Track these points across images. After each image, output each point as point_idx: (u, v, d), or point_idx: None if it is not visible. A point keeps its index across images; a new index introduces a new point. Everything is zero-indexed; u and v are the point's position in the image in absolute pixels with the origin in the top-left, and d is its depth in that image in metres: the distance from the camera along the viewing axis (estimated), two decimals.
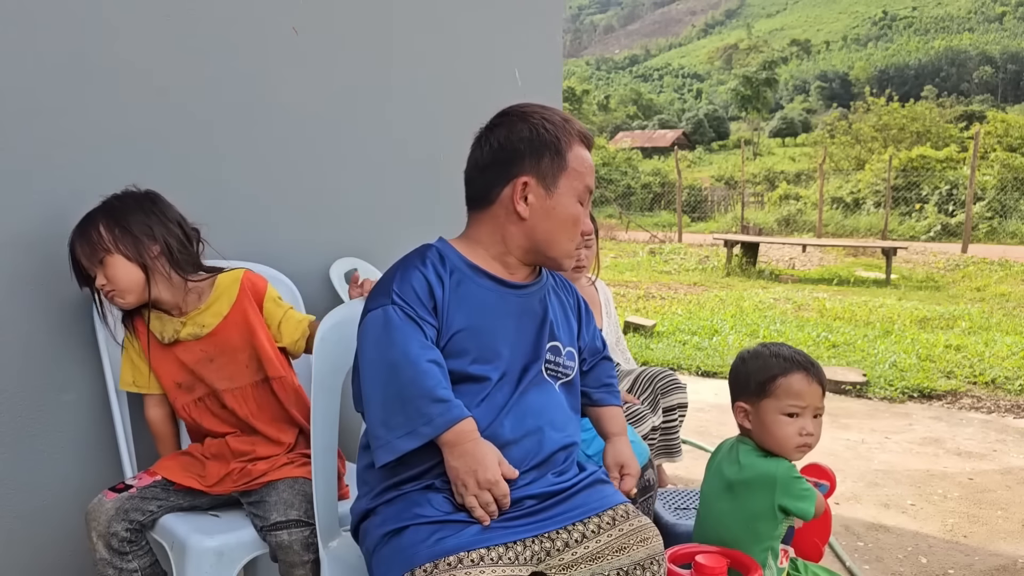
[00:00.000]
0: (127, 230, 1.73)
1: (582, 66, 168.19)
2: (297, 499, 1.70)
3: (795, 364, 1.79)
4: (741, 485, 1.80)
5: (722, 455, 1.90)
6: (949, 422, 4.52)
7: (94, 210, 1.77)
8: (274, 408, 1.87)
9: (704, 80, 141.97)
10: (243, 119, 2.21)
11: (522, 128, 1.55)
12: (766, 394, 1.79)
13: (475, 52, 2.92)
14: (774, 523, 1.77)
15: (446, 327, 1.48)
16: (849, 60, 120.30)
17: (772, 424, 1.79)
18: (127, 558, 1.70)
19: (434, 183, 2.72)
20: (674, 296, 9.91)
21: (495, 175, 1.56)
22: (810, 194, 23.17)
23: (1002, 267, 11.96)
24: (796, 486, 1.76)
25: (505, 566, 1.35)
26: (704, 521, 1.88)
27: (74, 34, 1.86)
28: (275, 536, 1.65)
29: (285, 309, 1.90)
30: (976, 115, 41.60)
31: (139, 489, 1.75)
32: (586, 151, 1.60)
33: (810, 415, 1.79)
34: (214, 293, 1.83)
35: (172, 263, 1.77)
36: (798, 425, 1.77)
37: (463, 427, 1.40)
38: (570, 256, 1.60)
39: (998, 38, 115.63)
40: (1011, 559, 2.79)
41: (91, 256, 1.73)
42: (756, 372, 1.83)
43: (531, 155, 1.54)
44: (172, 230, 1.79)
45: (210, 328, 1.81)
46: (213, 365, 1.82)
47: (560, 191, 1.55)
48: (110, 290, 1.75)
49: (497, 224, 1.57)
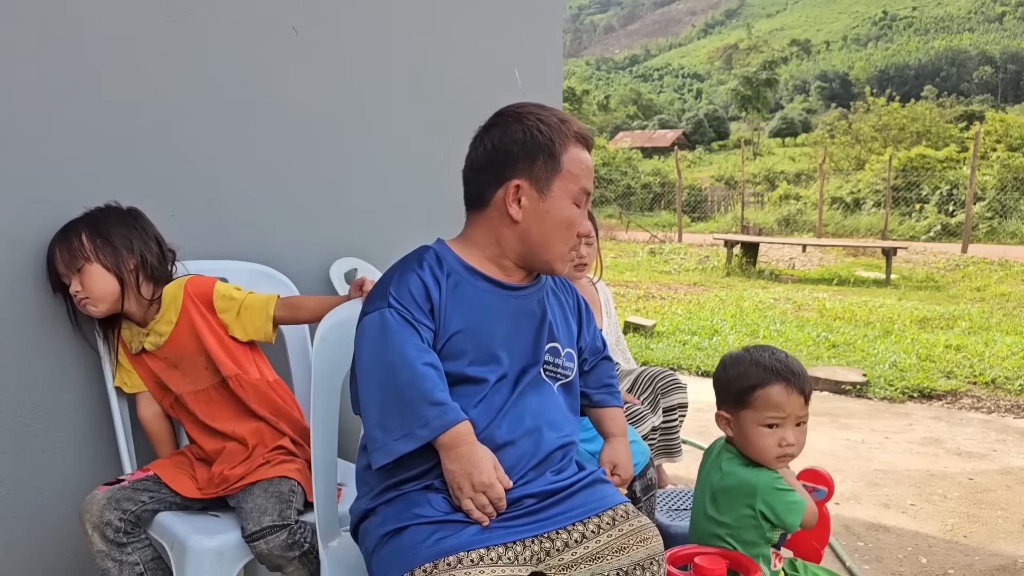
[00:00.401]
0: (108, 241, 1.78)
1: (582, 66, 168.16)
2: (270, 503, 1.69)
3: (774, 374, 1.74)
4: (722, 493, 1.78)
5: (710, 461, 1.88)
6: (949, 422, 4.52)
7: (76, 220, 1.80)
8: (234, 407, 1.87)
9: (704, 80, 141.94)
10: (243, 119, 2.21)
11: (516, 130, 1.54)
12: (745, 405, 1.76)
13: (475, 52, 2.92)
14: (759, 531, 1.75)
15: (443, 329, 1.48)
16: (849, 60, 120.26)
17: (752, 435, 1.76)
18: (126, 550, 1.71)
19: (434, 183, 2.71)
20: (674, 296, 9.91)
21: (489, 177, 1.55)
22: (810, 194, 23.16)
23: (1002, 267, 11.96)
24: (779, 498, 1.72)
25: (505, 566, 1.35)
26: (695, 526, 1.87)
27: (74, 34, 1.86)
28: (254, 547, 1.66)
29: (240, 300, 1.88)
30: (976, 115, 41.53)
31: (131, 482, 1.77)
32: (584, 152, 1.57)
33: (791, 425, 1.75)
34: (164, 303, 1.86)
35: (146, 277, 1.83)
36: (778, 436, 1.74)
37: (459, 430, 1.40)
38: (564, 260, 1.58)
39: (998, 38, 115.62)
40: (1011, 559, 2.79)
41: (70, 263, 1.76)
42: (735, 380, 1.78)
43: (524, 157, 1.52)
44: (150, 246, 1.84)
45: (166, 337, 1.85)
46: (178, 371, 1.86)
47: (554, 194, 1.53)
48: (84, 298, 1.78)
49: (492, 226, 1.56)
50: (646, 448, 2.33)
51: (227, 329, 1.88)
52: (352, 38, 2.50)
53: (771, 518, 1.72)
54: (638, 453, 2.25)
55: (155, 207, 1.92)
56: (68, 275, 1.77)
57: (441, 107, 2.77)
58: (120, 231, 1.81)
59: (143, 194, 1.93)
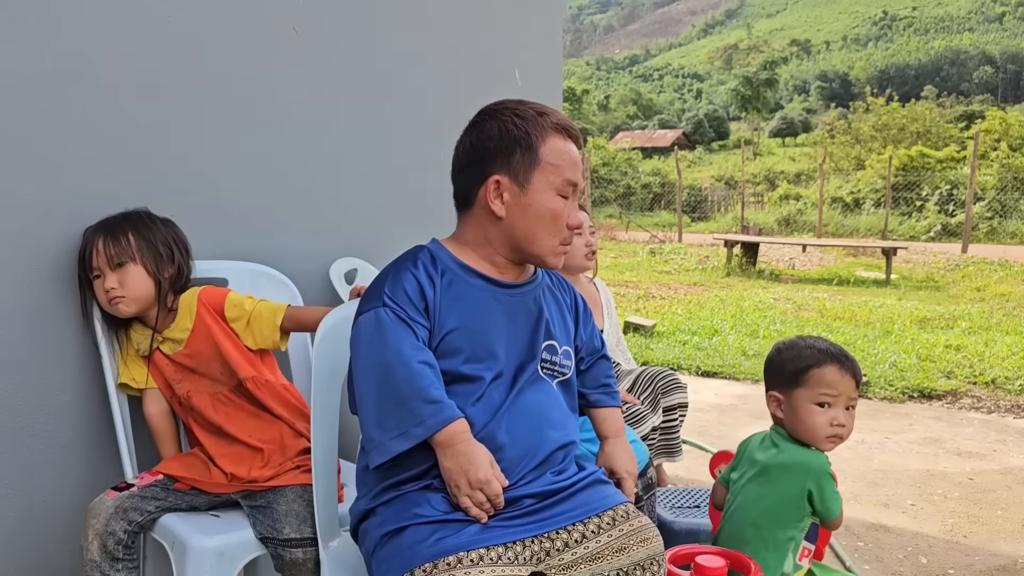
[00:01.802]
0: (153, 245, 1.83)
1: (582, 66, 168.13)
2: (310, 512, 1.70)
3: (829, 356, 1.80)
4: (776, 468, 1.81)
5: (752, 445, 1.91)
6: (949, 422, 4.52)
7: (119, 217, 1.83)
8: (249, 410, 1.89)
9: (704, 80, 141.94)
10: (244, 119, 2.21)
11: (492, 126, 1.54)
12: (799, 384, 1.80)
13: (475, 52, 2.92)
14: (800, 512, 1.77)
15: (438, 327, 1.48)
16: (849, 60, 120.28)
17: (804, 413, 1.79)
18: (117, 566, 1.70)
19: (434, 183, 2.69)
20: (674, 296, 9.91)
21: (471, 176, 1.56)
22: (810, 194, 23.17)
23: (1002, 267, 11.96)
24: (829, 483, 1.77)
25: (505, 566, 1.35)
26: (731, 511, 1.88)
27: (74, 35, 1.86)
28: (289, 553, 1.66)
29: (250, 310, 1.90)
30: (976, 115, 41.54)
31: (140, 488, 1.76)
32: (565, 143, 1.55)
33: (842, 406, 1.79)
34: (180, 310, 1.89)
35: (175, 288, 1.87)
36: (829, 415, 1.77)
37: (455, 428, 1.40)
38: (555, 253, 1.57)
39: (998, 38, 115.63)
40: (1011, 559, 2.79)
41: (113, 258, 1.78)
42: (790, 362, 1.83)
43: (501, 152, 1.52)
44: (184, 257, 1.90)
45: (183, 343, 1.87)
46: (195, 375, 1.88)
47: (534, 187, 1.52)
48: (119, 295, 1.79)
49: (479, 224, 1.57)
50: (645, 448, 2.34)
51: (238, 337, 1.90)
52: (352, 38, 2.50)
53: (816, 502, 1.75)
54: (637, 452, 2.25)
55: (155, 207, 1.92)
56: (105, 270, 1.79)
57: (441, 107, 2.77)
58: (163, 238, 1.86)
59: (143, 194, 1.93)
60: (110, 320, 1.88)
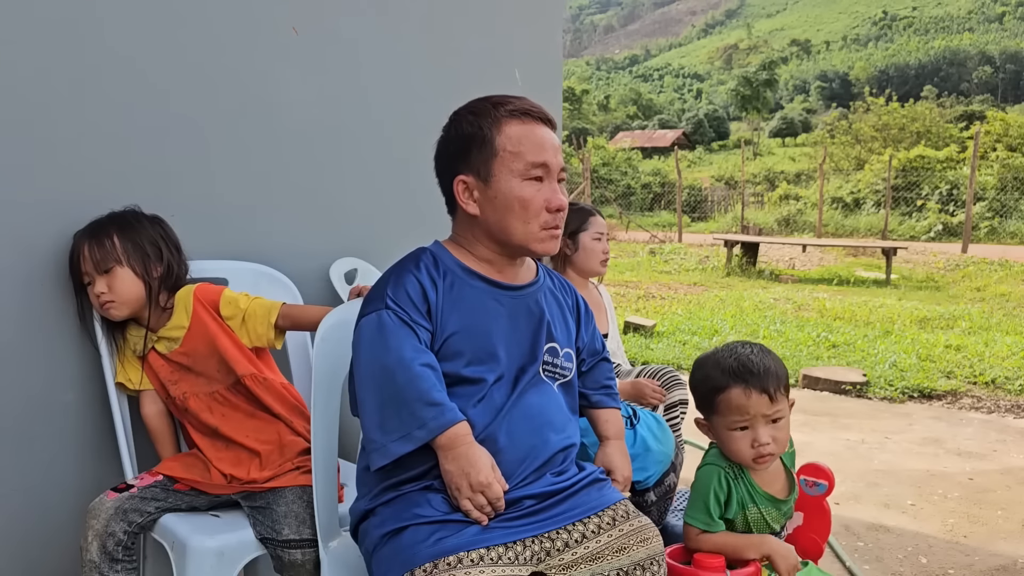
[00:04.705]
0: (139, 246, 1.80)
1: (582, 66, 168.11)
2: (310, 514, 1.69)
3: (731, 376, 1.70)
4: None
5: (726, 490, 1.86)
6: (949, 422, 4.52)
7: (104, 220, 1.81)
8: (246, 409, 1.87)
9: (704, 80, 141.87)
10: (243, 120, 2.21)
11: (448, 129, 1.57)
12: (713, 411, 1.75)
13: (475, 52, 2.92)
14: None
15: (440, 330, 1.48)
16: (849, 60, 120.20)
17: (726, 439, 1.74)
18: (116, 567, 1.70)
19: (434, 184, 2.70)
20: (674, 296, 9.91)
21: (444, 181, 1.59)
22: (810, 194, 23.15)
23: (1002, 267, 11.95)
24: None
25: (505, 566, 1.35)
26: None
27: (74, 35, 1.86)
28: (288, 554, 1.66)
29: (245, 308, 1.89)
30: (976, 115, 41.52)
31: (140, 489, 1.76)
32: (525, 126, 1.51)
33: (761, 424, 1.70)
34: (176, 308, 1.87)
35: (167, 286, 1.85)
36: (750, 437, 1.71)
37: (457, 431, 1.40)
38: (537, 239, 1.53)
39: (998, 38, 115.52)
40: (1011, 559, 2.79)
41: (99, 263, 1.76)
42: (700, 384, 1.77)
43: (459, 152, 1.54)
44: (175, 255, 1.87)
45: (179, 342, 1.86)
46: (191, 374, 1.87)
47: (496, 178, 1.51)
48: (109, 300, 1.78)
49: (465, 226, 1.58)
50: (666, 454, 2.30)
51: (235, 334, 1.89)
52: (352, 39, 2.50)
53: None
54: (656, 462, 2.23)
55: (155, 207, 1.92)
56: (94, 275, 1.77)
57: (441, 107, 2.75)
58: (149, 237, 1.83)
59: (143, 194, 1.93)
60: (107, 321, 1.87)
